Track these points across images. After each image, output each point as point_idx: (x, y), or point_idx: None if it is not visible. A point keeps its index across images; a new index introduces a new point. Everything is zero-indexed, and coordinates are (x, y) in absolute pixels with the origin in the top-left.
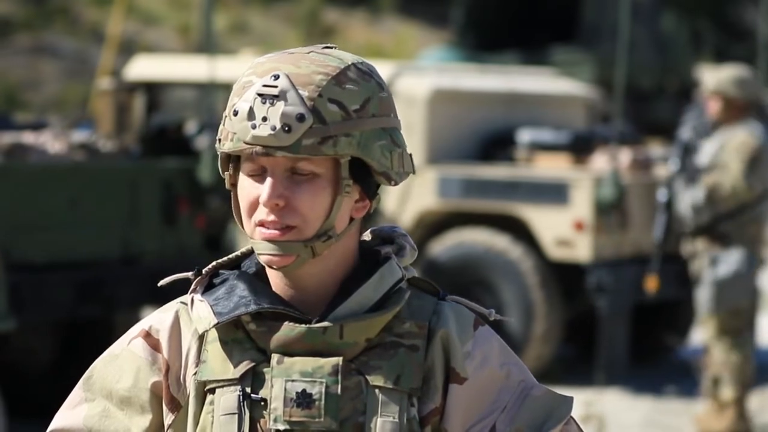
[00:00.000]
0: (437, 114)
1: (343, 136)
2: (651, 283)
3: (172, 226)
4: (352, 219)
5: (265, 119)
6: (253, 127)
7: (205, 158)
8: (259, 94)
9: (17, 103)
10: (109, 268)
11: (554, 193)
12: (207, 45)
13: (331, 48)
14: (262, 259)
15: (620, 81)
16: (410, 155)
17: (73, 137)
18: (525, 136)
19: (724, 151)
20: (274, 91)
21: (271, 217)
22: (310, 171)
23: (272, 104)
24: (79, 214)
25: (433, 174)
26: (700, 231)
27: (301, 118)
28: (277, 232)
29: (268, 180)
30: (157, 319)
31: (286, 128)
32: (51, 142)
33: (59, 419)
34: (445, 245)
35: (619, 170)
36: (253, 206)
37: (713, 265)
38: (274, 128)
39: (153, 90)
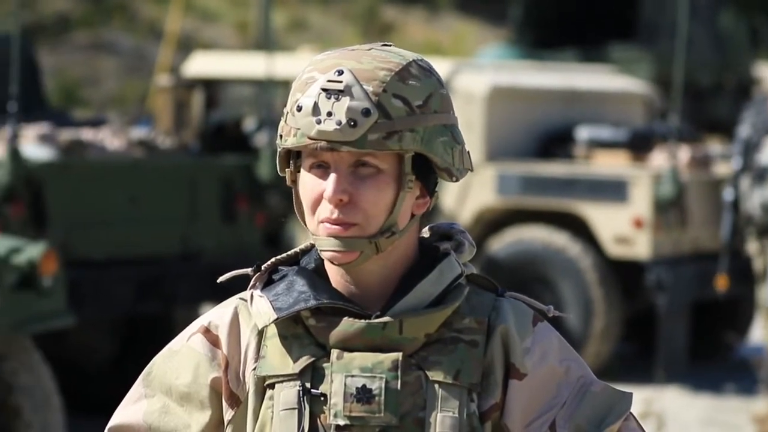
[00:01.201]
0: (496, 111)
1: (408, 131)
2: (721, 282)
3: (231, 223)
4: (413, 215)
5: (330, 114)
6: (318, 122)
7: (264, 155)
8: (324, 90)
9: (76, 100)
10: (168, 265)
11: (613, 190)
12: (265, 42)
13: (389, 46)
14: (326, 255)
15: (678, 78)
16: (468, 152)
17: (131, 134)
18: (583, 133)
19: None
20: (339, 86)
21: (335, 214)
22: (374, 166)
23: (337, 99)
24: (139, 211)
25: (492, 171)
26: (766, 229)
27: (366, 112)
28: (339, 227)
29: (332, 176)
30: (216, 315)
31: (352, 123)
32: (110, 138)
33: (119, 415)
34: (504, 242)
35: (678, 167)
36: (316, 202)
37: None
38: (339, 123)
39: (211, 87)
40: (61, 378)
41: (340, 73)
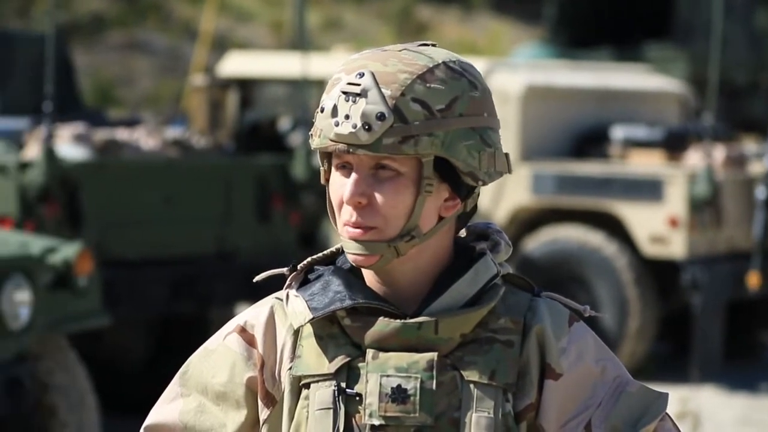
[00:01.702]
0: (531, 111)
1: (426, 135)
2: (753, 280)
3: (266, 223)
4: (441, 218)
5: (347, 117)
6: (336, 124)
7: (299, 155)
8: (343, 92)
9: (111, 100)
10: (203, 265)
11: (648, 189)
12: (300, 41)
13: (428, 45)
14: (349, 258)
15: (714, 77)
16: (506, 155)
17: (166, 134)
18: (618, 132)
19: None
20: (357, 89)
21: (354, 217)
22: (393, 169)
23: (354, 102)
24: (174, 211)
25: (527, 171)
26: None
27: (381, 116)
28: (359, 231)
29: (352, 177)
30: (252, 314)
31: (366, 126)
32: (145, 138)
33: (155, 414)
34: (540, 242)
35: (713, 167)
36: (341, 203)
37: None
38: (355, 126)
39: (246, 86)
40: (97, 377)
41: (361, 75)
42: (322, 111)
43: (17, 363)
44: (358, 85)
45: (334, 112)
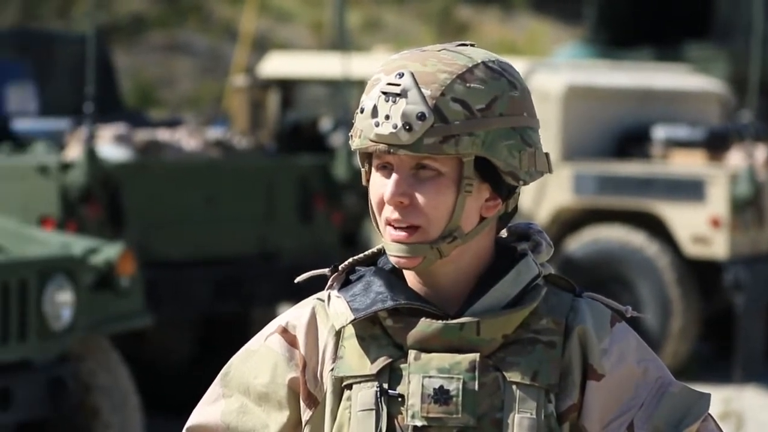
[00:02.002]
0: (571, 111)
1: (466, 135)
2: None
3: (308, 223)
4: (483, 218)
5: (387, 117)
6: (377, 124)
7: (340, 155)
8: (383, 92)
9: (152, 101)
10: (246, 265)
11: (690, 189)
12: (340, 42)
13: (467, 45)
14: (392, 260)
15: (754, 77)
16: (546, 154)
17: (207, 134)
18: (660, 132)
19: None
20: (397, 90)
21: (395, 215)
22: (434, 169)
23: (395, 102)
24: (216, 211)
25: (568, 171)
26: None
27: (421, 116)
28: (403, 233)
29: (393, 177)
30: (293, 315)
31: (407, 127)
32: (186, 139)
33: (197, 415)
34: (581, 242)
35: (755, 167)
36: (382, 203)
37: None
38: (395, 126)
39: (287, 87)
40: (139, 378)
41: (401, 75)
42: (361, 112)
43: (60, 364)
44: (398, 85)
45: (374, 112)
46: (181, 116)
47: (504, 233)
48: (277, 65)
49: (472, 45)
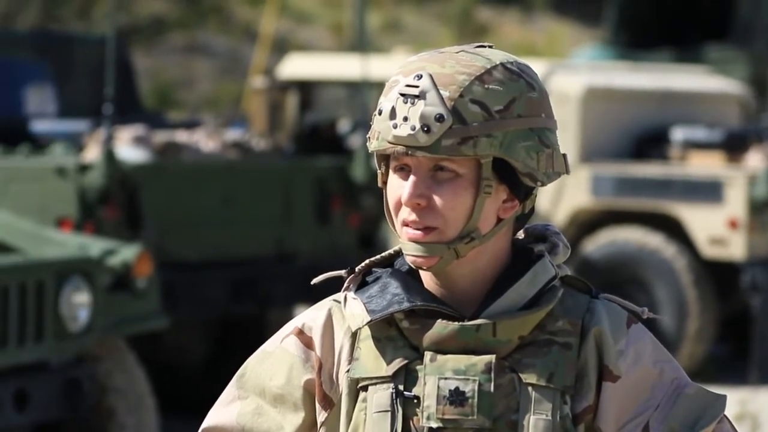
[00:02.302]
0: (590, 112)
1: (484, 136)
2: None
3: (326, 225)
4: (500, 219)
5: (405, 119)
6: (395, 126)
7: (358, 157)
8: (402, 94)
9: (171, 102)
10: (263, 266)
11: (708, 191)
12: (360, 43)
13: (486, 47)
14: (408, 260)
15: None
16: (564, 155)
17: (226, 136)
18: (678, 134)
19: None
20: (415, 91)
21: (413, 217)
22: (452, 171)
23: (413, 104)
24: (233, 213)
25: (586, 172)
26: None
27: (440, 118)
28: (420, 233)
29: (411, 179)
30: (310, 316)
31: (425, 128)
32: (204, 140)
33: (213, 416)
34: (599, 243)
35: None
36: (399, 205)
37: None
38: (413, 128)
39: (306, 88)
40: (155, 379)
41: (419, 77)
42: (379, 113)
43: (76, 365)
44: (417, 86)
45: (392, 114)
46: (200, 118)
47: (521, 234)
48: (296, 67)
49: (490, 46)
